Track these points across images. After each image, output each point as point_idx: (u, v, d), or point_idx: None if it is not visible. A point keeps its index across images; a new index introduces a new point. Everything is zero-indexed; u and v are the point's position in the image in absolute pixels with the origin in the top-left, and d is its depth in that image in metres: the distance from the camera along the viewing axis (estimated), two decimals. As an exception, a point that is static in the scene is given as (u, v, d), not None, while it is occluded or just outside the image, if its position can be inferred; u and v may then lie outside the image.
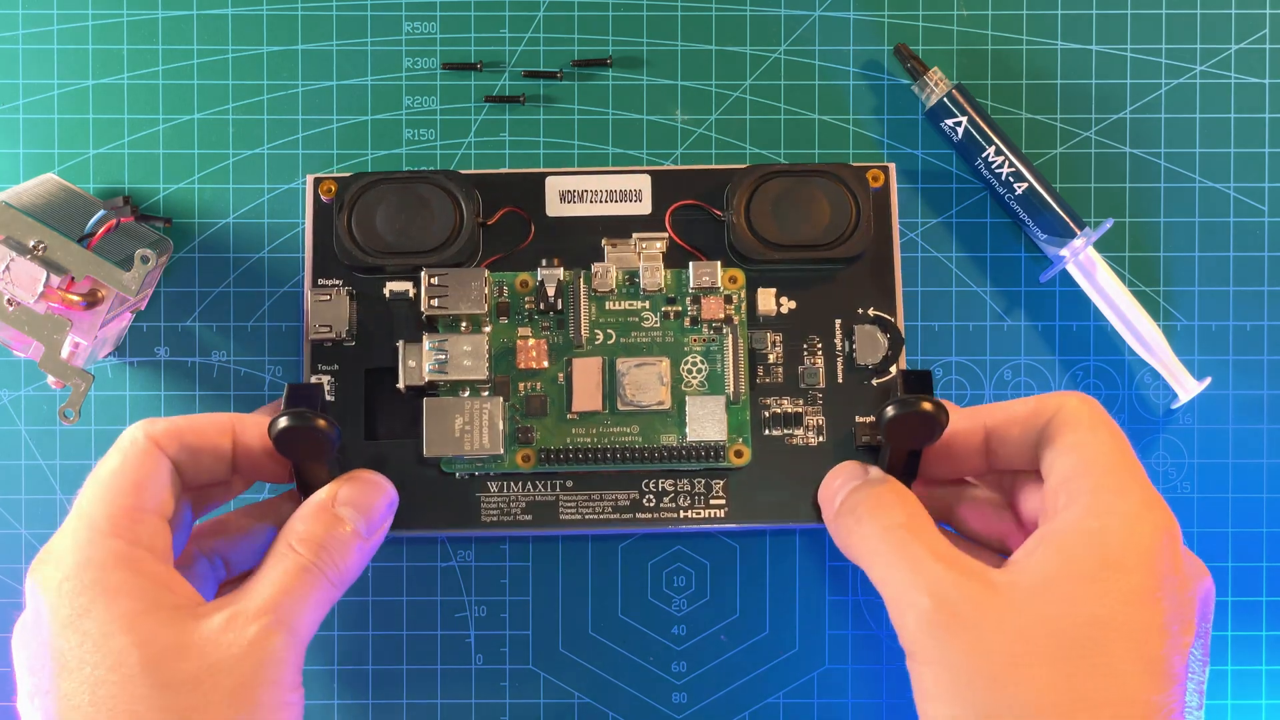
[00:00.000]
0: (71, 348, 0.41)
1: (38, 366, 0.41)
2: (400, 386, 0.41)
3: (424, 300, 0.41)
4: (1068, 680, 0.32)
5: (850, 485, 0.39)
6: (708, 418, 0.41)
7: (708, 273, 0.42)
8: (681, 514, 0.42)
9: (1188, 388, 0.45)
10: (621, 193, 0.44)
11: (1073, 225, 0.45)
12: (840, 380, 0.43)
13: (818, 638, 0.46)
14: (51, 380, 0.41)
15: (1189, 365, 0.46)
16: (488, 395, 0.42)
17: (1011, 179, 0.45)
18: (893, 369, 0.42)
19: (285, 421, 0.36)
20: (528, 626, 0.46)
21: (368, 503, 0.38)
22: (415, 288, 0.42)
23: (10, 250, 0.40)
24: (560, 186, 0.44)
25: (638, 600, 0.46)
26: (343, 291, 0.42)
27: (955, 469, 0.40)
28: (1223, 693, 0.46)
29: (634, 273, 0.43)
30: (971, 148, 0.46)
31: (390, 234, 0.42)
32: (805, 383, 0.43)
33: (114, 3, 0.47)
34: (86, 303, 0.40)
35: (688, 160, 0.47)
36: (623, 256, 0.43)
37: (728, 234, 0.43)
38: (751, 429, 0.42)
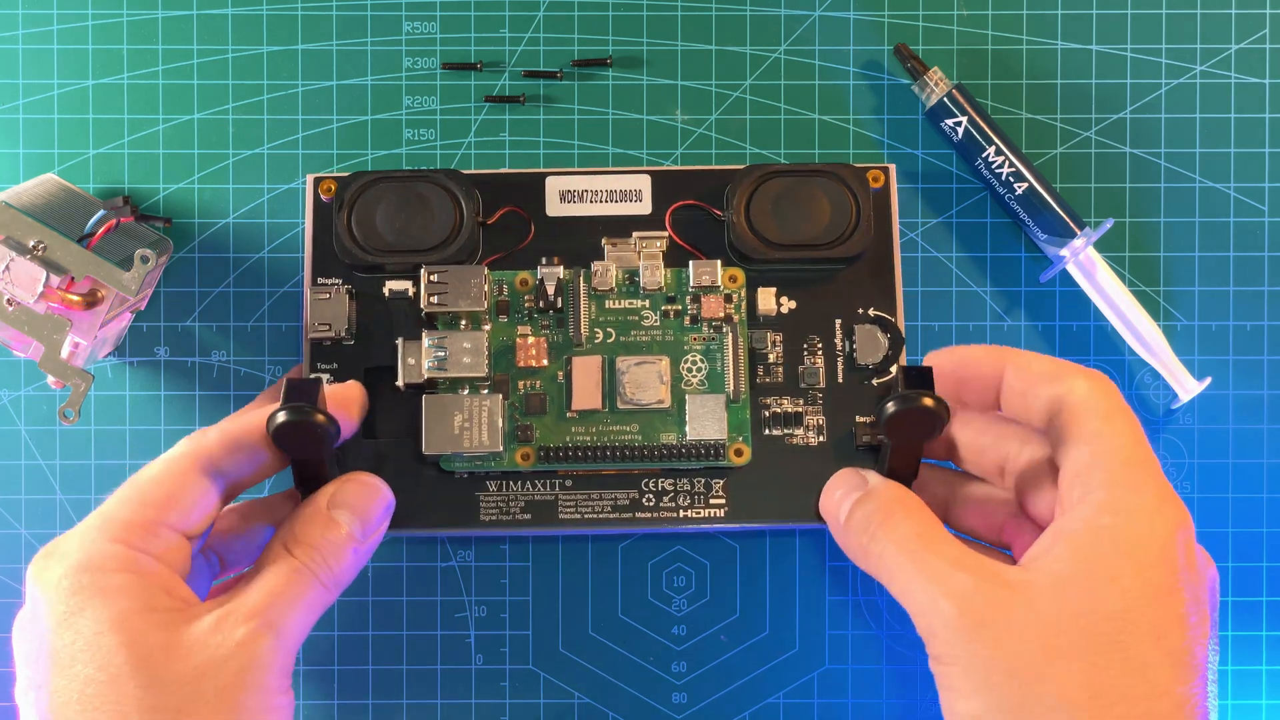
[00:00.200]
0: (71, 348, 0.41)
1: (38, 366, 0.41)
2: (400, 384, 0.41)
3: (424, 297, 0.41)
4: (1095, 676, 0.32)
5: (853, 497, 0.38)
6: (707, 416, 0.41)
7: (708, 271, 0.42)
8: (681, 513, 0.42)
9: (1188, 388, 0.45)
10: (621, 193, 0.44)
11: (1073, 225, 0.45)
12: (840, 380, 0.43)
13: (818, 638, 0.46)
14: (51, 380, 0.41)
15: (1189, 365, 0.46)
16: (487, 393, 0.41)
17: (1011, 179, 0.45)
18: (893, 369, 0.42)
19: (283, 416, 0.36)
20: (528, 626, 0.46)
21: (363, 506, 0.38)
22: (415, 286, 0.42)
23: (10, 250, 0.40)
24: (560, 186, 0.44)
25: (638, 600, 0.46)
26: (342, 290, 0.42)
27: (965, 395, 0.39)
28: (1223, 693, 0.46)
29: (634, 271, 0.43)
30: (971, 148, 0.46)
31: (390, 233, 0.42)
32: (805, 382, 0.43)
33: (114, 3, 0.47)
34: (86, 303, 0.40)
35: (688, 160, 0.47)
36: (623, 255, 0.43)
37: (728, 233, 0.43)
38: (751, 428, 0.42)
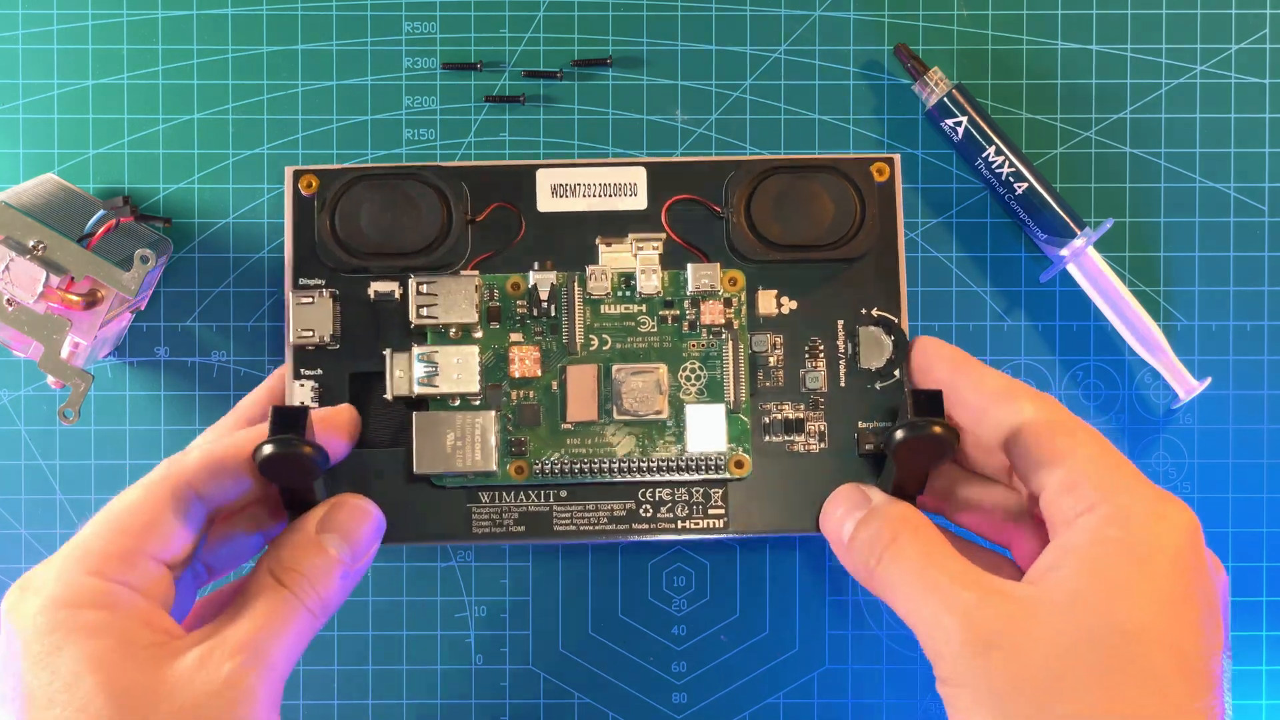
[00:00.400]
0: (71, 348, 0.41)
1: (37, 366, 0.41)
2: (388, 396, 0.40)
3: (412, 309, 0.40)
4: (1112, 695, 0.31)
5: (855, 516, 0.37)
6: (707, 427, 0.40)
7: (707, 275, 0.41)
8: (679, 524, 0.41)
9: (1188, 388, 0.45)
10: (616, 186, 0.42)
11: (1073, 225, 0.45)
12: (842, 384, 0.41)
13: (818, 638, 0.46)
14: (51, 380, 0.41)
15: (1189, 365, 0.46)
16: (479, 407, 0.40)
17: (1012, 179, 0.45)
18: (896, 372, 0.41)
19: (270, 449, 0.35)
20: (528, 626, 0.46)
21: (353, 530, 0.37)
22: (401, 289, 0.40)
23: (10, 250, 0.40)
24: (552, 180, 0.42)
25: (638, 600, 0.46)
26: (326, 294, 0.40)
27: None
28: (1223, 693, 0.46)
29: (630, 275, 0.41)
30: (971, 148, 0.46)
31: (375, 233, 0.40)
32: (806, 387, 0.41)
33: (114, 3, 0.47)
34: (86, 303, 0.40)
35: (688, 160, 0.47)
36: (618, 257, 0.41)
37: (727, 233, 0.41)
38: (751, 438, 0.41)
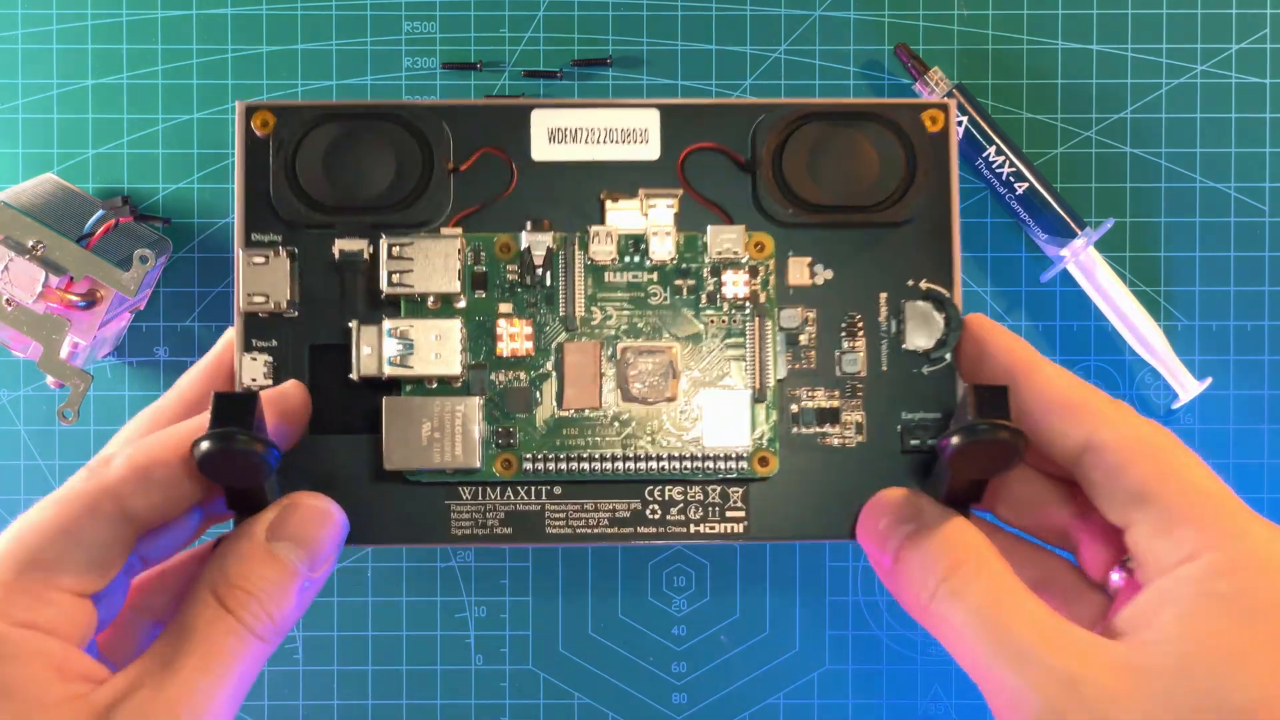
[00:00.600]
0: (70, 348, 0.41)
1: (37, 366, 0.41)
2: (354, 377, 0.34)
3: (384, 275, 0.33)
4: None
5: (903, 531, 0.32)
6: (727, 417, 0.34)
7: (730, 239, 0.34)
8: (692, 528, 0.35)
9: (1188, 388, 0.45)
10: (624, 132, 0.35)
11: (1073, 225, 0.45)
12: (884, 368, 0.35)
13: (818, 638, 0.46)
14: (51, 380, 0.41)
15: (1189, 365, 0.46)
16: (460, 392, 0.34)
17: (1012, 179, 0.45)
18: (948, 355, 0.35)
19: (210, 445, 0.29)
20: (528, 627, 0.46)
21: (310, 536, 0.31)
22: (371, 248, 0.34)
23: (9, 250, 0.40)
24: (549, 123, 0.35)
25: (638, 600, 0.46)
26: (282, 253, 0.34)
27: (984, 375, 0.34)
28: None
29: (639, 237, 0.35)
30: (972, 148, 0.46)
31: (341, 181, 0.34)
32: (843, 371, 0.35)
33: (114, 3, 0.47)
34: (85, 303, 0.40)
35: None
36: (626, 216, 0.35)
37: (754, 190, 0.35)
38: (779, 429, 0.35)
